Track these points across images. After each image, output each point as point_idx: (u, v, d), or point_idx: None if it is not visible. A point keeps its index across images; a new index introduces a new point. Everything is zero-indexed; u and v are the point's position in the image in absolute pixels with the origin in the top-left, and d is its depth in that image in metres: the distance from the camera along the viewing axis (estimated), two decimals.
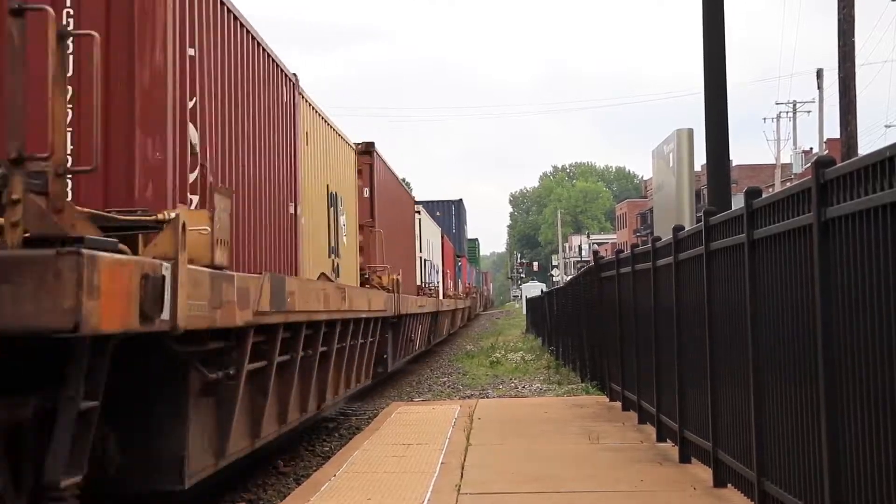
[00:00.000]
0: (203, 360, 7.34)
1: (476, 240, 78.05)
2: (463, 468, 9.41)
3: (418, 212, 29.12)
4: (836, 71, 22.22)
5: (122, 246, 5.37)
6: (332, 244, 14.02)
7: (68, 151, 5.36)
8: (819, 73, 49.36)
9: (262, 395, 9.34)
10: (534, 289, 76.02)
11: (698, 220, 8.67)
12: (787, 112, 62.45)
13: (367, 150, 18.85)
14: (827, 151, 47.96)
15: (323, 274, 12.89)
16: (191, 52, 7.63)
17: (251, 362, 8.58)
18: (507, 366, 25.62)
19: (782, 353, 6.31)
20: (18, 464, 5.13)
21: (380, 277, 17.62)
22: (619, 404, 13.90)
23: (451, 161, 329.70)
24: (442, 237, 38.81)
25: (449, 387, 20.73)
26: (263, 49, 10.22)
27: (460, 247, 52.43)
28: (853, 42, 21.97)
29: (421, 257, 29.06)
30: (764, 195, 6.80)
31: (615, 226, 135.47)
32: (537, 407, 14.81)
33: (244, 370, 8.28)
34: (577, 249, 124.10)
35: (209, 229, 6.59)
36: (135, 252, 5.87)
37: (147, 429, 6.86)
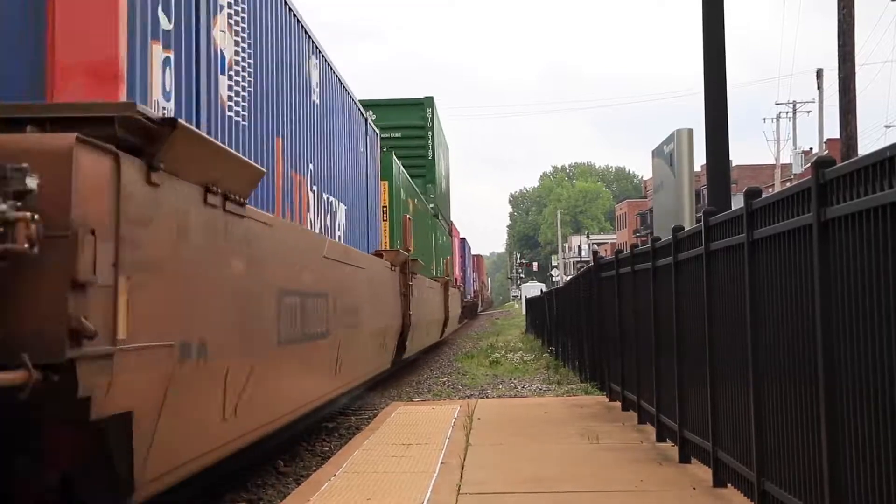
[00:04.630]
0: None
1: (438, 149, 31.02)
2: (463, 468, 9.41)
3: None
4: (836, 71, 22.23)
5: None
6: None
7: None
8: (819, 74, 49.44)
9: None
10: (533, 289, 76.02)
11: (698, 221, 8.68)
12: (787, 112, 62.57)
13: None
14: (827, 151, 47.97)
15: None
16: None
17: None
18: (506, 366, 25.61)
19: (782, 353, 6.31)
20: None
21: None
22: (618, 404, 13.89)
23: (451, 161, 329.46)
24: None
25: (449, 387, 20.72)
26: None
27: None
28: (853, 42, 21.98)
29: None
30: (764, 195, 6.80)
31: (615, 226, 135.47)
32: (537, 407, 14.81)
33: None
34: (576, 249, 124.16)
35: None
36: None
37: None
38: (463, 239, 59.46)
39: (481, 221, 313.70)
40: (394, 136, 26.77)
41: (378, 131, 18.61)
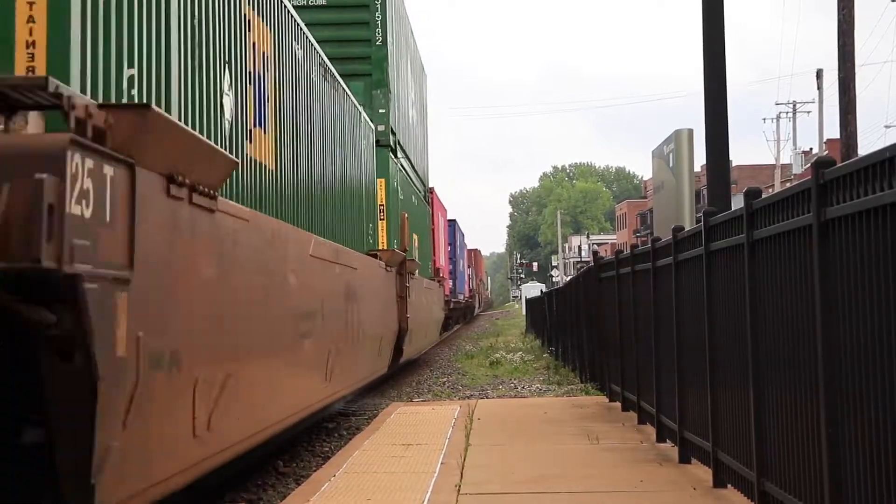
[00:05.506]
0: None
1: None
2: (463, 468, 9.41)
3: None
4: (836, 71, 22.23)
5: None
6: None
7: None
8: (819, 74, 49.45)
9: None
10: (533, 289, 75.86)
11: (698, 221, 8.68)
12: (787, 112, 62.56)
13: None
14: (827, 152, 47.98)
15: None
16: None
17: None
18: (506, 366, 25.60)
19: (782, 353, 6.31)
20: None
21: None
22: (618, 405, 13.89)
23: (450, 161, 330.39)
24: None
25: (449, 387, 20.72)
26: None
27: None
28: (853, 42, 21.98)
29: None
30: (764, 196, 6.81)
31: (615, 226, 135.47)
32: (537, 407, 14.81)
33: None
34: (576, 250, 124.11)
35: None
36: None
37: None
38: (453, 222, 46.42)
39: (481, 221, 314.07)
40: (313, 4, 17.93)
41: None
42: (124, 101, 6.15)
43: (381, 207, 18.35)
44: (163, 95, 6.77)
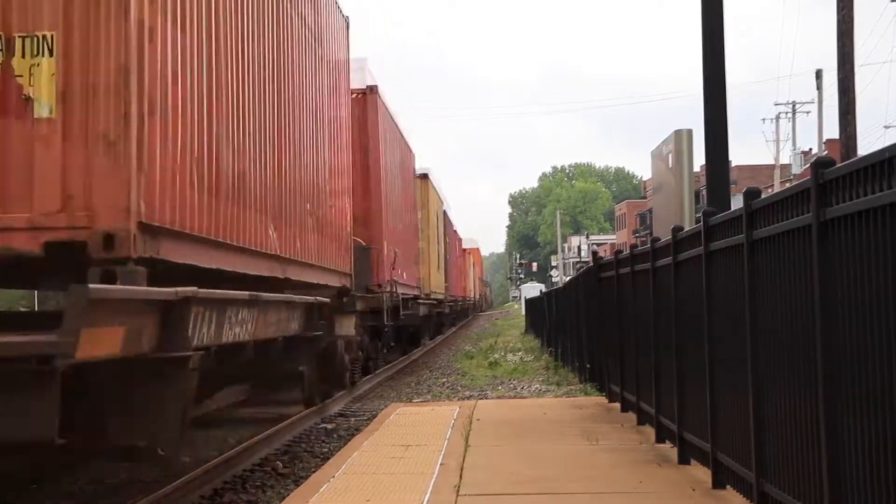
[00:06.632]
0: None
1: None
2: (462, 469, 9.40)
3: None
4: (836, 71, 22.22)
5: None
6: None
7: None
8: (818, 74, 49.41)
9: None
10: (533, 289, 75.80)
11: (697, 221, 8.67)
12: (787, 113, 62.52)
13: None
14: (826, 152, 47.97)
15: None
16: None
17: None
18: (505, 367, 25.59)
19: (782, 354, 6.30)
20: None
21: None
22: (618, 405, 13.88)
23: (450, 161, 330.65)
24: None
25: (448, 387, 20.71)
26: None
27: None
28: (852, 43, 21.97)
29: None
30: (763, 196, 6.80)
31: (614, 226, 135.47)
32: (536, 408, 14.80)
33: None
34: (576, 250, 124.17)
35: None
36: None
37: None
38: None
39: (481, 221, 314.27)
40: None
41: None
42: None
43: None
44: None
